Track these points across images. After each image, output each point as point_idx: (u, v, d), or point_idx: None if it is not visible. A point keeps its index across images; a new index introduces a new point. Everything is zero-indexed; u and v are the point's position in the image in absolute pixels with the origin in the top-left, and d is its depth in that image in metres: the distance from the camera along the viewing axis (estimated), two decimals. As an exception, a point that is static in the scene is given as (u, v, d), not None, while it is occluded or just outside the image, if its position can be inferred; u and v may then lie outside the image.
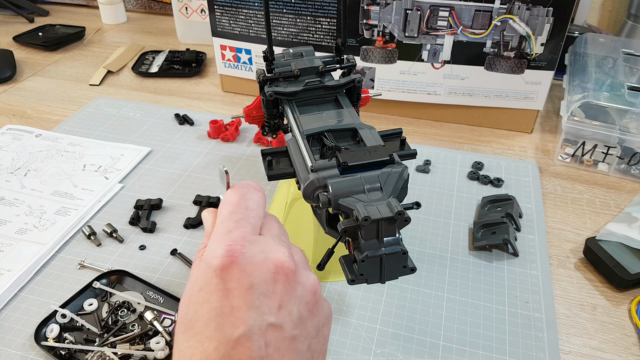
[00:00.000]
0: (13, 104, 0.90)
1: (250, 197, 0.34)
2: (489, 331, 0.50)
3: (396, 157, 0.41)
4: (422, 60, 0.78)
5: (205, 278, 0.30)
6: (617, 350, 0.49)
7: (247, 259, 0.30)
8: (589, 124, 0.70)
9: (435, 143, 0.80)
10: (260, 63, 0.86)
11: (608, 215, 0.66)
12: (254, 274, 0.30)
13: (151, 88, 0.96)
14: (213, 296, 0.29)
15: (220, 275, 0.29)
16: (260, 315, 0.29)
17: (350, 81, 0.51)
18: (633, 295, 0.55)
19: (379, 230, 0.36)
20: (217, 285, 0.29)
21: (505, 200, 0.64)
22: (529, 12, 0.71)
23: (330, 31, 0.78)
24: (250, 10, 0.81)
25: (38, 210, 0.64)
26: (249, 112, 0.60)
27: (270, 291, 0.30)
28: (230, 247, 0.30)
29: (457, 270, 0.57)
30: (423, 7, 0.73)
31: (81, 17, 1.31)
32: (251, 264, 0.30)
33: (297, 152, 0.45)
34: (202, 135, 0.80)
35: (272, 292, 0.30)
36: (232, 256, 0.30)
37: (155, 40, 1.17)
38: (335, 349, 0.48)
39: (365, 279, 0.38)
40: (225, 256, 0.30)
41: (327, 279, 0.55)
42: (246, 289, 0.29)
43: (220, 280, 0.29)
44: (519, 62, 0.75)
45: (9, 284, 0.54)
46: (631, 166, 0.71)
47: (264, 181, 0.70)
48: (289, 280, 0.31)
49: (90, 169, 0.72)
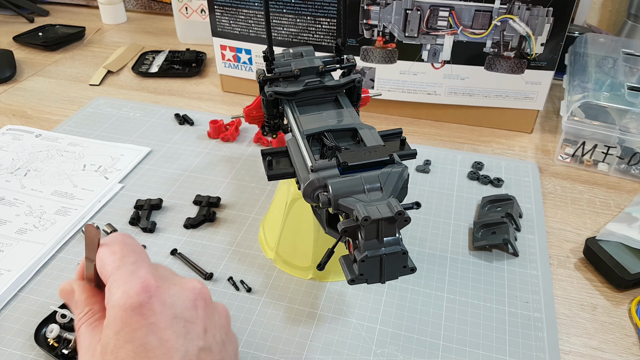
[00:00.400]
0: (13, 104, 0.90)
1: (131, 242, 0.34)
2: (489, 331, 0.50)
3: (396, 157, 0.41)
4: (422, 60, 0.78)
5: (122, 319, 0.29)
6: (617, 350, 0.49)
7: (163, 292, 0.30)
8: (589, 124, 0.70)
9: (435, 143, 0.80)
10: (260, 63, 0.86)
11: (608, 215, 0.66)
12: (175, 305, 0.30)
13: (151, 88, 0.96)
14: (136, 334, 0.28)
15: (140, 312, 0.29)
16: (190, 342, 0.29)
17: (350, 81, 0.51)
18: (633, 295, 0.55)
19: (379, 230, 0.36)
20: (138, 322, 0.29)
21: (505, 200, 0.64)
22: (529, 12, 0.71)
23: (330, 31, 0.78)
24: (250, 10, 0.81)
25: (38, 210, 0.64)
26: (249, 112, 0.60)
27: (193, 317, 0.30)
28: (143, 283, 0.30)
29: (457, 270, 0.57)
30: (423, 7, 0.73)
31: (81, 17, 1.31)
32: (169, 296, 0.30)
33: (297, 152, 0.45)
34: (202, 135, 0.80)
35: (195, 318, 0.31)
36: (148, 292, 0.29)
37: (155, 40, 1.17)
38: (335, 349, 0.48)
39: (365, 279, 0.38)
40: (141, 293, 0.29)
41: (327, 279, 0.55)
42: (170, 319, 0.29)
43: (141, 317, 0.29)
44: (519, 62, 0.75)
45: (9, 284, 0.54)
46: (631, 166, 0.71)
47: (264, 181, 0.70)
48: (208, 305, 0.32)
49: (90, 169, 0.72)
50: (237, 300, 0.53)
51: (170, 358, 0.28)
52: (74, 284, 0.35)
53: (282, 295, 0.54)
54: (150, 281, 0.30)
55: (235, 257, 0.58)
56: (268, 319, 0.51)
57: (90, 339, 0.31)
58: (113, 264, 0.32)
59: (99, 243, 0.34)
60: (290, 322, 0.51)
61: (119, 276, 0.31)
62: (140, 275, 0.30)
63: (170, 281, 0.32)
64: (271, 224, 0.59)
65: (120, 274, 0.31)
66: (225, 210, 0.65)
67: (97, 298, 0.34)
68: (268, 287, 0.55)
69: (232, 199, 0.67)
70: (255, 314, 0.52)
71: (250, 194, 0.68)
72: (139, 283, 0.30)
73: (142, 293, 0.29)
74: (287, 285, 0.55)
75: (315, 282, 0.55)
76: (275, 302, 0.53)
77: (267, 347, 0.48)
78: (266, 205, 0.66)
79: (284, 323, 0.51)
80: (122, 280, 0.30)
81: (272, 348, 0.48)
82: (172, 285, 0.31)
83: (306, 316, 0.51)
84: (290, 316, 0.51)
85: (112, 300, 0.30)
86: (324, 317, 0.51)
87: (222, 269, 0.56)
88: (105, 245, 0.33)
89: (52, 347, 0.48)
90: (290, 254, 0.56)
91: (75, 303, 0.34)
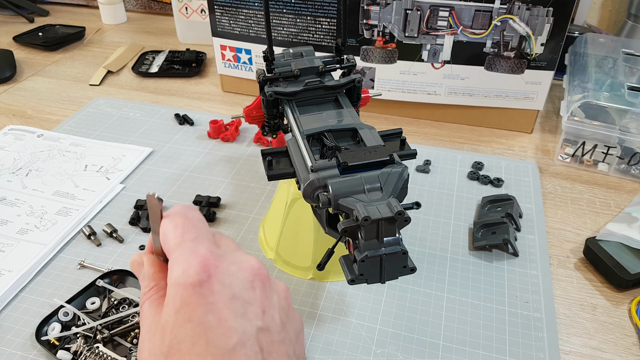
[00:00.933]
0: (13, 104, 0.91)
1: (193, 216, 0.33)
2: (489, 331, 0.50)
3: (396, 157, 0.41)
4: (422, 60, 0.78)
5: (182, 298, 0.29)
6: (617, 350, 0.49)
7: (222, 271, 0.30)
8: (589, 124, 0.70)
9: (435, 143, 0.80)
10: (260, 63, 0.86)
11: (608, 215, 0.66)
12: (233, 284, 0.30)
13: (151, 88, 0.96)
14: (195, 313, 0.28)
15: (199, 291, 0.29)
16: (249, 322, 0.29)
17: (350, 81, 0.51)
18: (633, 295, 0.55)
19: (379, 230, 0.36)
20: (197, 301, 0.29)
21: (505, 200, 0.64)
22: (529, 12, 0.71)
23: (330, 31, 0.78)
24: (250, 10, 0.81)
25: (39, 211, 0.64)
26: (249, 112, 0.60)
27: (251, 298, 0.30)
28: (202, 262, 0.30)
29: (457, 270, 0.57)
30: (423, 7, 0.73)
31: (81, 17, 1.31)
32: (228, 275, 0.30)
33: (297, 152, 0.45)
34: (202, 135, 0.80)
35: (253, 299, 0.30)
36: (207, 271, 0.29)
37: (155, 40, 1.17)
38: (335, 349, 0.49)
39: (365, 279, 0.38)
40: (201, 272, 0.29)
41: (327, 279, 0.55)
42: (229, 299, 0.29)
43: (200, 297, 0.29)
44: (519, 62, 0.76)
45: (10, 284, 0.54)
46: (631, 166, 0.71)
47: (264, 181, 0.70)
48: (265, 286, 0.32)
49: (92, 169, 0.72)
50: (238, 300, 0.53)
51: (228, 337, 0.28)
52: (144, 257, 0.35)
53: (282, 295, 0.54)
54: (209, 260, 0.30)
55: (236, 257, 0.58)
56: (268, 318, 0.51)
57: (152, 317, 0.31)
58: (175, 239, 0.32)
59: (162, 215, 0.33)
60: (291, 322, 0.51)
61: (179, 253, 0.31)
62: (200, 254, 0.30)
63: (230, 259, 0.32)
64: (271, 224, 0.59)
65: (181, 251, 0.31)
66: (225, 210, 0.65)
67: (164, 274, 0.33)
68: (268, 287, 0.55)
69: (232, 199, 0.67)
70: None
71: (250, 194, 0.68)
72: (199, 262, 0.30)
73: (201, 272, 0.29)
74: (287, 285, 0.55)
75: (315, 282, 0.55)
76: (276, 302, 0.53)
77: (267, 347, 0.48)
78: (266, 205, 0.66)
79: (284, 323, 0.51)
80: (182, 258, 0.30)
81: (272, 348, 0.48)
82: (231, 264, 0.31)
83: (306, 316, 0.51)
84: (291, 316, 0.51)
85: (172, 278, 0.30)
86: (324, 317, 0.51)
87: (222, 269, 0.56)
88: (168, 217, 0.33)
89: (53, 345, 0.48)
90: (290, 254, 0.56)
91: (143, 276, 0.34)
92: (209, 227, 0.34)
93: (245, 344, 0.28)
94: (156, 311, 0.31)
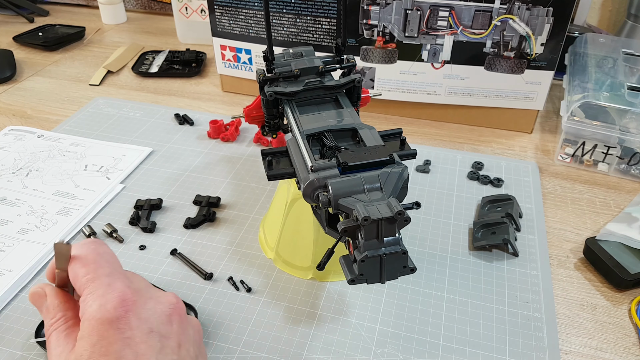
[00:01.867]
0: (13, 104, 0.91)
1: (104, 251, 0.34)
2: (489, 331, 0.50)
3: (396, 157, 0.41)
4: (422, 60, 0.78)
5: (99, 332, 0.29)
6: (617, 350, 0.49)
7: (140, 306, 0.30)
8: (589, 124, 0.70)
9: (435, 143, 0.80)
10: (260, 63, 0.86)
11: (608, 215, 0.66)
12: (151, 319, 0.30)
13: (151, 88, 0.96)
14: (112, 347, 0.28)
15: (116, 326, 0.29)
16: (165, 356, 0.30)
17: (350, 81, 0.51)
18: (633, 295, 0.55)
19: (379, 230, 0.37)
20: (114, 336, 0.29)
21: (505, 200, 0.64)
22: (529, 12, 0.71)
23: (330, 31, 0.78)
24: (250, 10, 0.81)
25: (40, 211, 0.64)
26: (249, 112, 0.60)
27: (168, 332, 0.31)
28: (120, 297, 0.30)
29: (457, 270, 0.57)
30: (423, 7, 0.73)
31: (81, 17, 1.31)
32: (145, 310, 0.31)
33: (297, 152, 0.45)
34: (202, 135, 0.80)
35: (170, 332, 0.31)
36: (125, 306, 0.30)
37: (155, 40, 1.17)
38: (335, 349, 0.49)
39: (365, 279, 0.38)
40: (118, 307, 0.29)
41: (327, 279, 0.55)
42: (146, 334, 0.30)
43: (117, 332, 0.29)
44: (519, 62, 0.76)
45: (10, 284, 0.54)
46: (631, 166, 0.71)
47: (264, 181, 0.70)
48: (182, 320, 0.32)
49: (92, 169, 0.72)
50: (237, 300, 0.53)
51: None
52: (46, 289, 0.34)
53: (282, 295, 0.54)
54: (127, 295, 0.30)
55: (235, 257, 0.58)
56: (268, 319, 0.51)
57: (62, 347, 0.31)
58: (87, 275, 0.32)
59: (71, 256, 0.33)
60: (290, 322, 0.51)
61: (94, 288, 0.31)
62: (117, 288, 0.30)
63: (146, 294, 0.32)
64: (271, 224, 0.59)
65: (95, 286, 0.31)
66: (225, 210, 0.65)
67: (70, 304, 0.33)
68: (268, 287, 0.55)
69: (232, 199, 0.67)
70: (255, 314, 0.52)
71: (250, 194, 0.68)
72: (116, 297, 0.30)
73: (119, 307, 0.29)
74: (287, 285, 0.55)
75: (315, 282, 0.55)
76: (275, 302, 0.53)
77: (267, 347, 0.48)
78: (266, 205, 0.66)
79: (284, 323, 0.51)
80: (98, 293, 0.30)
81: (272, 348, 0.48)
82: (148, 299, 0.32)
83: (306, 316, 0.52)
84: (290, 316, 0.52)
85: (87, 313, 0.30)
86: (324, 317, 0.51)
87: (222, 269, 0.57)
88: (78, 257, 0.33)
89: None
90: (290, 254, 0.56)
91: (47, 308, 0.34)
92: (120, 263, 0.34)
93: None
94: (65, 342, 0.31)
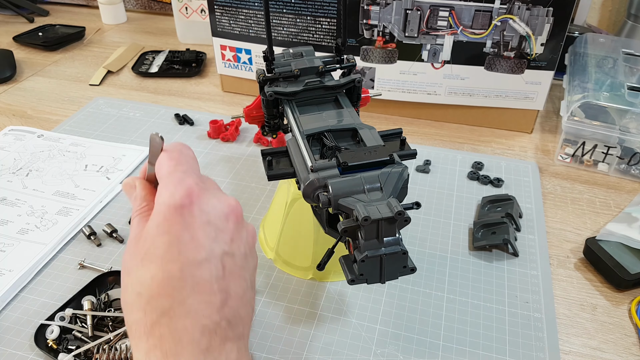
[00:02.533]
0: (13, 104, 0.91)
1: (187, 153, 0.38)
2: (489, 331, 0.50)
3: (396, 157, 0.41)
4: (422, 60, 0.78)
5: (165, 215, 0.33)
6: (617, 350, 0.49)
7: (203, 201, 0.34)
8: (589, 124, 0.70)
9: (435, 143, 0.80)
10: (260, 63, 0.86)
11: (608, 215, 0.66)
12: (210, 213, 0.34)
13: (151, 88, 0.96)
14: (173, 228, 0.33)
15: (180, 212, 0.33)
16: (217, 245, 0.34)
17: (350, 81, 0.51)
18: (633, 295, 0.55)
19: (379, 230, 0.37)
20: (177, 219, 0.33)
21: (505, 200, 0.64)
22: (529, 12, 0.71)
23: (330, 31, 0.78)
24: (250, 10, 0.81)
25: (40, 211, 0.64)
26: (249, 112, 0.60)
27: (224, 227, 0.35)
28: (188, 190, 0.34)
29: (457, 270, 0.57)
30: (423, 7, 0.73)
31: (81, 17, 1.31)
32: (207, 205, 0.34)
33: (297, 152, 0.45)
34: (202, 135, 0.80)
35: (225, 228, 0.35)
36: (190, 197, 0.34)
37: (155, 40, 1.17)
38: (335, 349, 0.49)
39: (365, 279, 0.38)
40: (185, 197, 0.34)
41: (327, 279, 0.55)
42: (204, 224, 0.34)
43: (180, 217, 0.33)
44: (519, 62, 0.76)
45: (10, 284, 0.54)
46: (631, 166, 0.71)
47: (264, 181, 0.70)
48: (238, 222, 0.36)
49: (92, 169, 0.72)
50: (238, 300, 0.53)
51: (197, 252, 0.33)
52: (136, 181, 0.39)
53: (282, 295, 0.54)
54: (194, 189, 0.34)
55: (236, 257, 0.58)
56: (268, 319, 0.51)
57: (139, 228, 0.35)
58: (168, 168, 0.36)
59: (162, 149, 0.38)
60: (290, 322, 0.51)
61: (170, 180, 0.35)
62: (187, 183, 0.35)
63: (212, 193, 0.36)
64: (271, 224, 0.59)
65: (171, 178, 0.35)
66: (226, 210, 0.65)
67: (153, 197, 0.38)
68: (268, 287, 0.55)
69: (233, 199, 0.67)
70: (255, 314, 0.52)
71: (250, 194, 0.68)
72: (185, 189, 0.34)
73: (185, 197, 0.34)
74: (287, 285, 0.55)
75: (315, 282, 0.55)
76: (275, 302, 0.53)
77: (267, 347, 0.49)
78: (266, 205, 0.66)
79: (284, 323, 0.51)
80: (171, 184, 0.35)
81: (272, 348, 0.48)
82: (212, 197, 0.35)
83: (306, 316, 0.52)
84: (290, 316, 0.52)
85: (159, 199, 0.34)
86: (324, 317, 0.51)
87: (222, 269, 0.56)
88: (166, 151, 0.37)
89: (52, 348, 0.48)
90: (290, 254, 0.56)
91: (135, 197, 0.39)
92: (198, 165, 0.38)
93: (211, 261, 0.33)
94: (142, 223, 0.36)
